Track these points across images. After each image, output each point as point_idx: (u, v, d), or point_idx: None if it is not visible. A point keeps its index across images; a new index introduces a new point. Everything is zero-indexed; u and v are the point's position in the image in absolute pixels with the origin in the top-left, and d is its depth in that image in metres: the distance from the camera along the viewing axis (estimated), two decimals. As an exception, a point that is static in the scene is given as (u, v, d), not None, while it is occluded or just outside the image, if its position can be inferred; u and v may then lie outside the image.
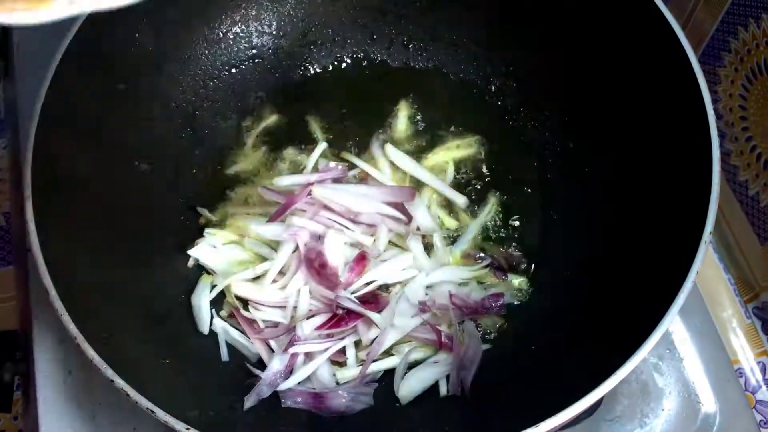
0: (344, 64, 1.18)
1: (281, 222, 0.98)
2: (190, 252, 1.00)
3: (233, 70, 1.14)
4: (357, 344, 0.95)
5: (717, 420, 1.00)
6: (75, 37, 0.91)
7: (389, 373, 0.94)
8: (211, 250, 1.01)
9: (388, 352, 0.93)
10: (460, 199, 1.06)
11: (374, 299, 0.95)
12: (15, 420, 1.46)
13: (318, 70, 1.18)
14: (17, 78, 1.20)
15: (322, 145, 1.07)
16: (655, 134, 0.91)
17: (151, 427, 0.97)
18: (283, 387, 0.90)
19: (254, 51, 1.15)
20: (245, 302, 0.98)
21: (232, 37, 1.13)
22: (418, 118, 1.13)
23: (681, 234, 0.80)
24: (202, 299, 0.97)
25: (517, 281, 1.01)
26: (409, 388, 0.92)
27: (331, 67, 1.18)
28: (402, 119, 1.13)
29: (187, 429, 0.71)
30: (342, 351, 0.94)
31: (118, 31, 0.98)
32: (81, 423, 0.98)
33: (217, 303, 0.99)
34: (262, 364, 0.94)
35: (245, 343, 0.95)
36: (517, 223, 1.06)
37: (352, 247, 0.97)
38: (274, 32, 1.16)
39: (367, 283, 0.96)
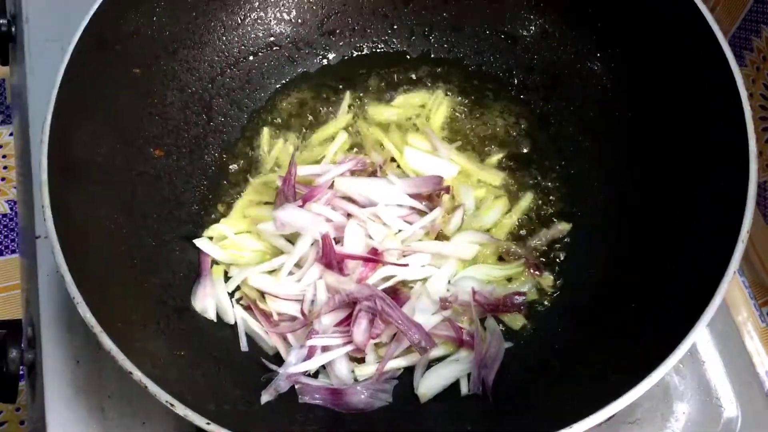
0: (363, 54, 1.16)
1: (300, 208, 0.95)
2: (196, 242, 0.98)
3: (251, 58, 1.12)
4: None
5: (739, 424, 0.99)
6: (91, 21, 0.90)
7: (409, 370, 0.92)
8: (223, 239, 0.99)
9: (408, 349, 0.91)
10: (497, 179, 1.04)
11: (394, 295, 0.92)
12: (17, 411, 1.44)
13: (336, 59, 1.16)
14: (27, 64, 1.17)
15: (342, 136, 1.05)
16: (687, 131, 0.89)
17: (161, 421, 0.95)
18: (301, 369, 0.88)
19: (272, 38, 1.13)
20: (263, 294, 0.95)
21: (250, 23, 1.11)
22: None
23: (715, 234, 0.78)
24: (219, 290, 0.95)
25: (543, 279, 0.99)
26: (428, 386, 0.90)
27: (349, 57, 1.16)
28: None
29: (208, 424, 0.69)
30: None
31: (134, 15, 0.97)
32: (89, 415, 0.96)
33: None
34: (278, 360, 0.92)
35: (263, 335, 0.93)
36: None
37: (372, 240, 0.95)
38: (292, 19, 1.14)
39: (386, 278, 0.94)
